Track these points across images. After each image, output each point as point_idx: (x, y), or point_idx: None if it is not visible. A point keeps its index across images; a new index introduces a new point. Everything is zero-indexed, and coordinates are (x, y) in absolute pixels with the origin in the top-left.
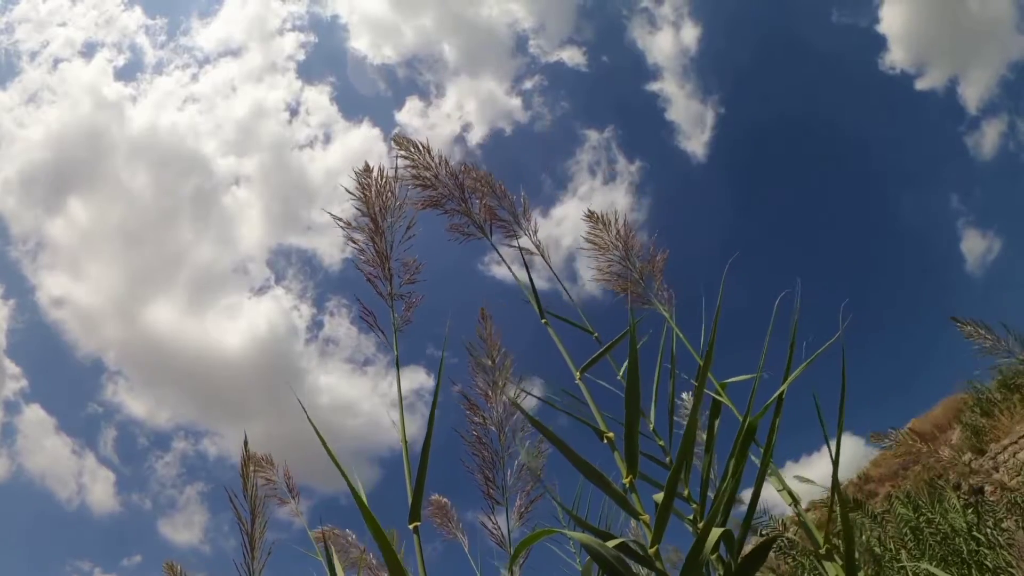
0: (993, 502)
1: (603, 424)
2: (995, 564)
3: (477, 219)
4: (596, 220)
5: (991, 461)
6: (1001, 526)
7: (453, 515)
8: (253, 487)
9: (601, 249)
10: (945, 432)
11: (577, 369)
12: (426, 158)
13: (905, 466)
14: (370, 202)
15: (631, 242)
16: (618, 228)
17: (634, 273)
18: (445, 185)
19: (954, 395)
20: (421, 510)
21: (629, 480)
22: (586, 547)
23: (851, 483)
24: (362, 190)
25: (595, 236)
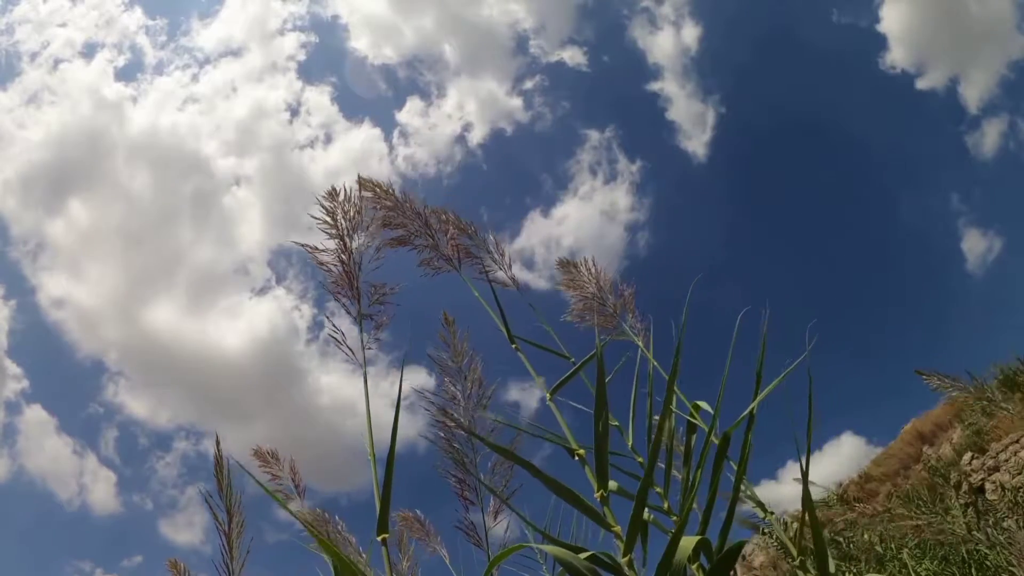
0: (994, 501)
1: (574, 442)
2: (995, 564)
3: (444, 252)
4: (567, 265)
5: (992, 460)
6: (1002, 525)
7: (430, 528)
8: (228, 488)
9: (576, 291)
10: (946, 431)
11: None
12: (392, 198)
13: (906, 465)
14: (338, 225)
15: (603, 281)
16: (589, 270)
17: (608, 308)
18: (412, 223)
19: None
20: (388, 522)
21: (600, 494)
22: (559, 559)
23: (852, 482)
24: (329, 213)
25: (569, 281)
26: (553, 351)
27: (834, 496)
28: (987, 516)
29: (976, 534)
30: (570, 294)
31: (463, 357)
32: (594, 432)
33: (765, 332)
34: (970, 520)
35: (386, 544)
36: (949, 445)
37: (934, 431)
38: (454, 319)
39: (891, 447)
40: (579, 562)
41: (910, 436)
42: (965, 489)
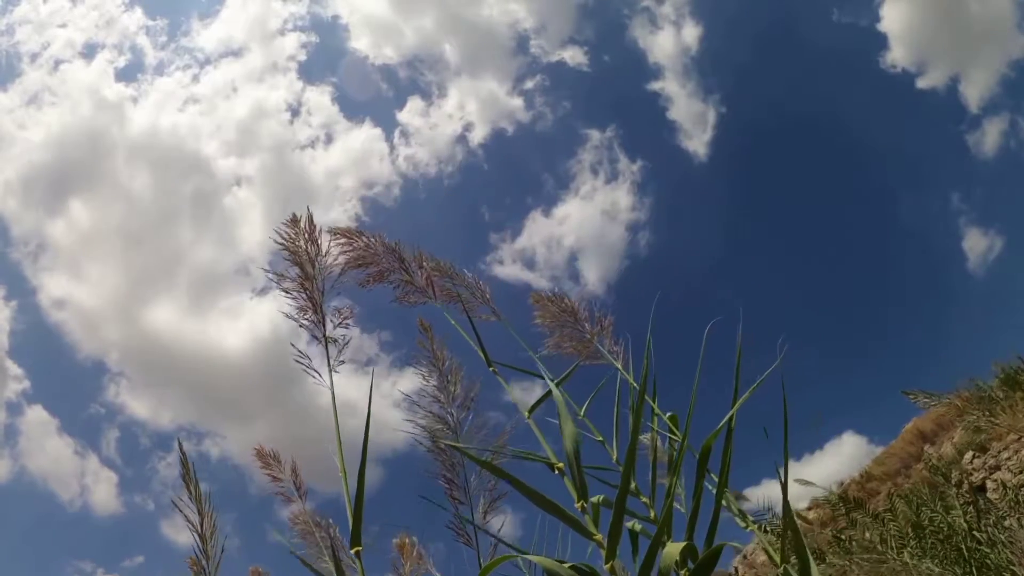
0: (995, 500)
1: (553, 456)
2: (997, 563)
3: (420, 285)
4: (542, 300)
5: (993, 459)
6: (1003, 524)
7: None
8: (196, 489)
9: (552, 323)
10: (948, 430)
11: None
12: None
13: (908, 464)
14: (299, 252)
15: (578, 310)
16: (564, 303)
17: (586, 335)
18: (384, 260)
19: (956, 393)
20: (361, 535)
21: (581, 505)
22: (546, 569)
23: (853, 481)
24: (290, 240)
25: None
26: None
27: (835, 495)
28: (988, 515)
29: (977, 533)
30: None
31: (443, 362)
32: (564, 449)
33: (740, 344)
34: (971, 519)
35: (359, 556)
36: (950, 444)
37: (935, 430)
38: (430, 325)
39: (892, 446)
40: (563, 571)
41: (911, 435)
42: (966, 488)
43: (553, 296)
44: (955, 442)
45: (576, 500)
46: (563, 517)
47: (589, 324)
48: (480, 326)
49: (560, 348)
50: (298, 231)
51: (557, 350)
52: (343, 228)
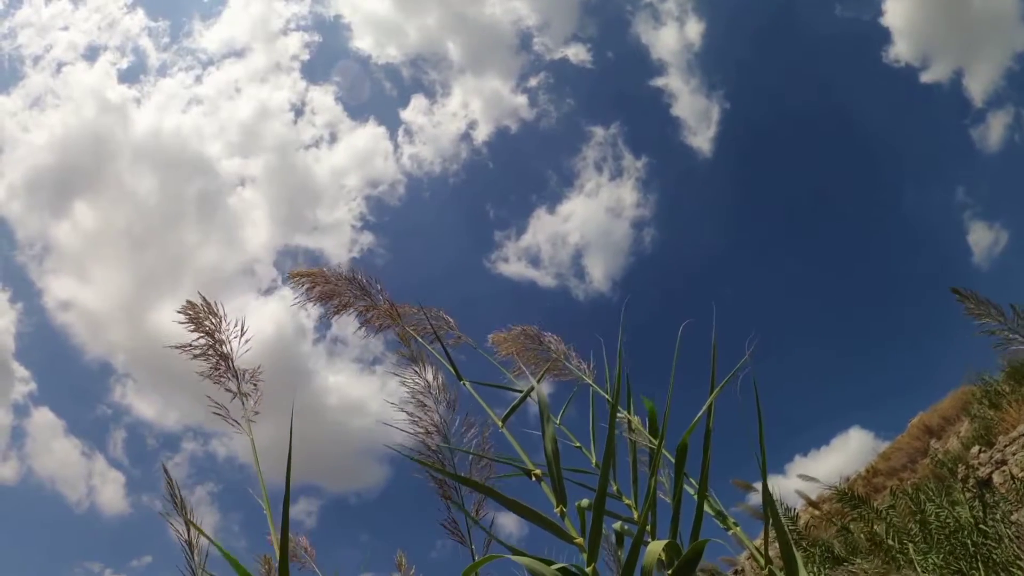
0: (1002, 494)
1: (530, 463)
2: (1003, 559)
3: (384, 310)
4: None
5: (999, 453)
6: (1009, 519)
7: None
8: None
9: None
10: (954, 424)
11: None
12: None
13: (913, 459)
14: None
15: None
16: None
17: (552, 355)
18: (347, 292)
19: (962, 387)
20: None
21: (560, 509)
22: (531, 570)
23: (859, 477)
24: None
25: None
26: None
27: (842, 489)
28: (994, 509)
29: (984, 527)
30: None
31: (424, 366)
32: (544, 453)
33: (715, 341)
34: (977, 513)
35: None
36: (956, 438)
37: (941, 425)
38: (410, 337)
39: (898, 441)
40: (550, 572)
41: (917, 430)
42: (972, 482)
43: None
44: (961, 436)
45: (555, 505)
46: (542, 523)
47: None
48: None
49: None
50: (197, 310)
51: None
52: (303, 271)
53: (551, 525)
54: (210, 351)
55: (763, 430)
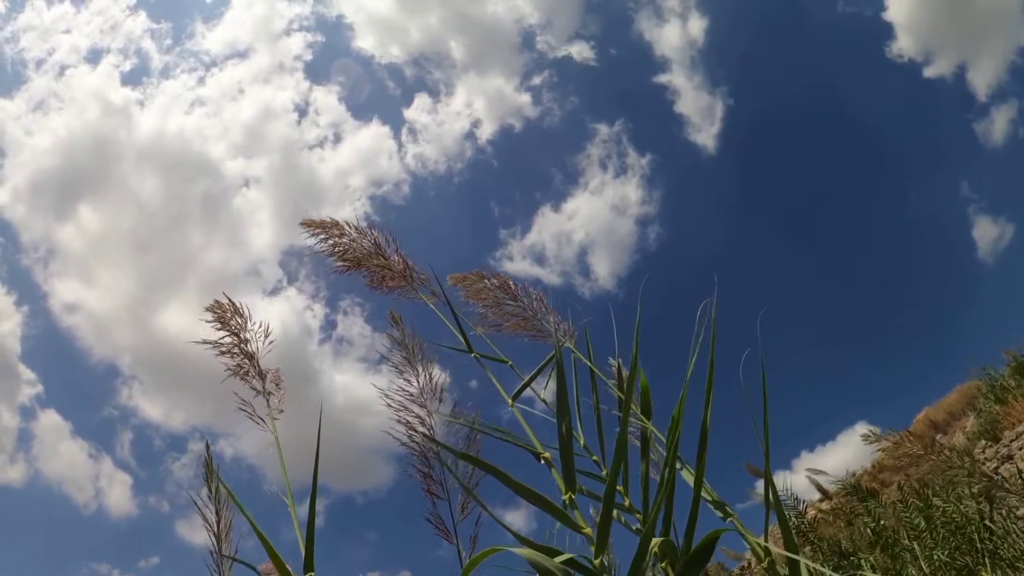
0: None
1: (539, 446)
2: (1010, 555)
3: (397, 268)
4: (465, 279)
5: (1005, 448)
6: (1015, 514)
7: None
8: (217, 489)
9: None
10: (959, 419)
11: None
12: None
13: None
14: (228, 324)
15: (512, 286)
16: (495, 279)
17: (526, 312)
18: (360, 245)
19: (967, 382)
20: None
21: (569, 496)
22: (532, 563)
23: (865, 472)
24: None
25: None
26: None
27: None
28: (1000, 505)
29: (989, 523)
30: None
31: (415, 353)
32: (558, 436)
33: (715, 332)
34: (983, 508)
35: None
36: (962, 433)
37: (947, 420)
38: (400, 316)
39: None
40: (554, 566)
41: (923, 425)
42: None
43: (476, 274)
44: (966, 431)
45: (563, 491)
46: (549, 509)
47: (526, 299)
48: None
49: (498, 328)
50: (223, 309)
51: (495, 329)
52: (316, 221)
53: (559, 512)
54: (235, 350)
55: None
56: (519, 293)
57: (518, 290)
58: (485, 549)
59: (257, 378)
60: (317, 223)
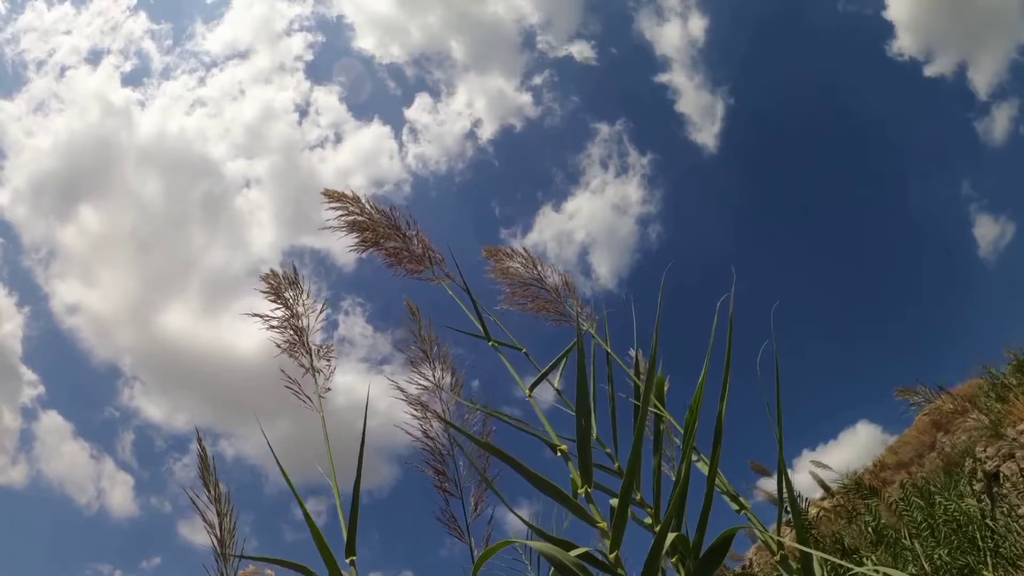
0: (1010, 487)
1: (556, 438)
2: (1011, 553)
3: (415, 251)
4: (497, 253)
5: (1007, 446)
6: (1016, 512)
7: None
8: (216, 489)
9: (509, 277)
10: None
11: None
12: (358, 205)
13: (921, 453)
14: (282, 296)
15: (539, 266)
16: (523, 255)
17: (549, 294)
18: (380, 226)
19: (969, 381)
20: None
21: (585, 490)
22: (547, 557)
23: (867, 470)
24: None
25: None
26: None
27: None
28: (1002, 503)
29: (991, 522)
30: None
31: (430, 345)
32: (576, 428)
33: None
34: (985, 507)
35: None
36: (964, 432)
37: (949, 418)
38: (418, 307)
39: (906, 435)
40: (569, 560)
41: (925, 424)
42: (980, 476)
43: (507, 248)
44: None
45: (579, 485)
46: (565, 502)
47: (551, 280)
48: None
49: (521, 306)
50: (279, 280)
51: (517, 307)
52: (337, 192)
53: (573, 505)
54: (286, 324)
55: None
56: (545, 272)
57: (545, 269)
58: (500, 541)
59: (306, 354)
60: (337, 194)
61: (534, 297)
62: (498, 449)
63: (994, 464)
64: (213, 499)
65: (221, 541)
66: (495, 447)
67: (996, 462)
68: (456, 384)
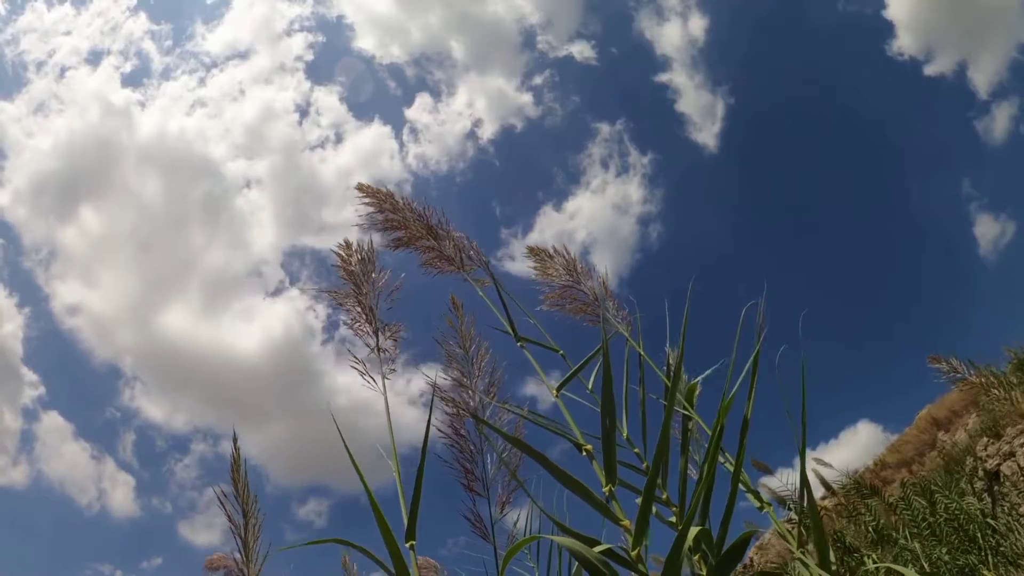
0: (1011, 485)
1: (581, 437)
2: (1012, 552)
3: (447, 253)
4: (540, 253)
5: (1007, 445)
6: (1017, 511)
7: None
8: (245, 489)
9: (551, 278)
10: (961, 416)
11: (554, 388)
12: (391, 202)
13: (921, 452)
14: (352, 271)
15: (579, 268)
16: (564, 257)
17: (587, 296)
18: (413, 225)
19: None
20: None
21: (609, 489)
22: (572, 552)
23: (867, 469)
24: (345, 261)
25: (543, 268)
26: (548, 346)
27: (850, 482)
28: (1003, 502)
29: (991, 521)
30: (544, 282)
31: (470, 343)
32: (601, 428)
33: (761, 329)
34: (985, 506)
35: (414, 550)
36: (964, 431)
37: (949, 417)
38: (462, 303)
39: (906, 434)
40: (593, 555)
41: (925, 423)
42: (980, 475)
43: (549, 249)
44: (968, 429)
45: (604, 483)
46: (590, 500)
47: (592, 283)
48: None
49: (561, 308)
50: (352, 252)
51: (557, 308)
52: (372, 187)
53: (598, 503)
54: (355, 302)
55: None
56: (584, 275)
57: (583, 272)
58: (526, 537)
59: (372, 334)
60: (372, 190)
61: (572, 299)
62: (530, 447)
63: (995, 463)
64: (241, 500)
65: (245, 543)
66: (528, 445)
67: (996, 461)
68: (493, 384)
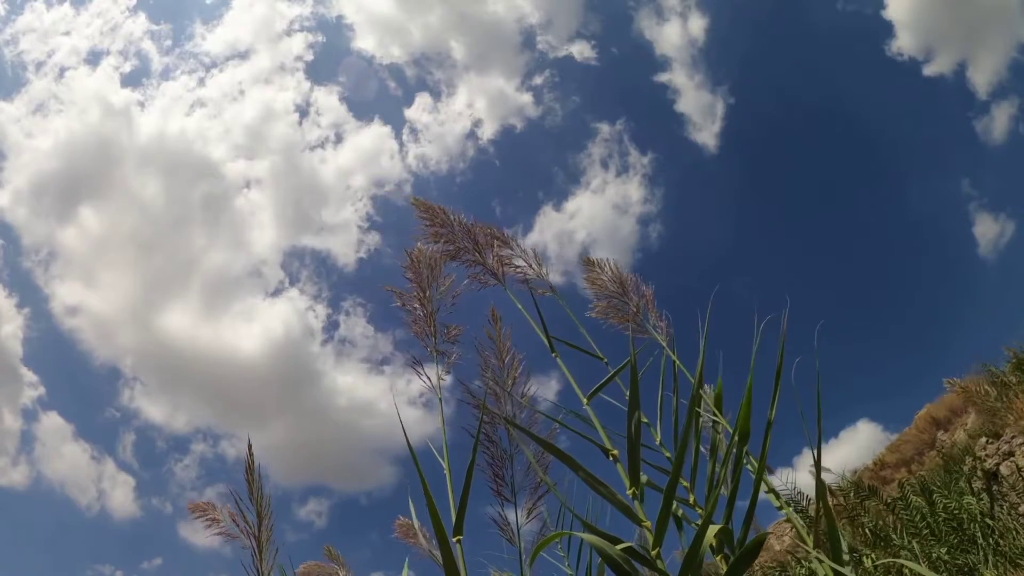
0: (1010, 485)
1: (608, 442)
2: (1011, 552)
3: (491, 267)
4: (590, 264)
5: (1007, 445)
6: (1017, 510)
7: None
8: (259, 490)
9: (598, 288)
10: (960, 416)
11: (585, 396)
12: (441, 217)
13: (921, 451)
14: (420, 274)
15: (625, 280)
16: (612, 269)
17: (632, 307)
18: (460, 239)
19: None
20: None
21: (633, 491)
22: (596, 548)
23: (867, 469)
24: (414, 264)
25: (592, 279)
26: (588, 352)
27: (849, 483)
28: (1002, 501)
29: (991, 521)
30: (592, 292)
31: (506, 353)
32: (627, 433)
33: (784, 334)
34: (984, 505)
35: (460, 544)
36: (963, 430)
37: (948, 416)
38: (500, 315)
39: (906, 433)
40: (615, 552)
41: (924, 422)
42: (980, 474)
43: (600, 260)
44: (968, 428)
45: (628, 486)
46: (614, 501)
47: (635, 296)
48: None
49: (605, 316)
50: (420, 257)
51: (602, 317)
52: (424, 202)
53: (621, 504)
54: (417, 304)
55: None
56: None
57: (631, 285)
58: (553, 533)
59: (431, 336)
60: (425, 205)
61: (617, 310)
62: (562, 451)
63: (994, 462)
64: (255, 502)
65: (259, 543)
66: (559, 449)
67: (996, 460)
68: (526, 394)
